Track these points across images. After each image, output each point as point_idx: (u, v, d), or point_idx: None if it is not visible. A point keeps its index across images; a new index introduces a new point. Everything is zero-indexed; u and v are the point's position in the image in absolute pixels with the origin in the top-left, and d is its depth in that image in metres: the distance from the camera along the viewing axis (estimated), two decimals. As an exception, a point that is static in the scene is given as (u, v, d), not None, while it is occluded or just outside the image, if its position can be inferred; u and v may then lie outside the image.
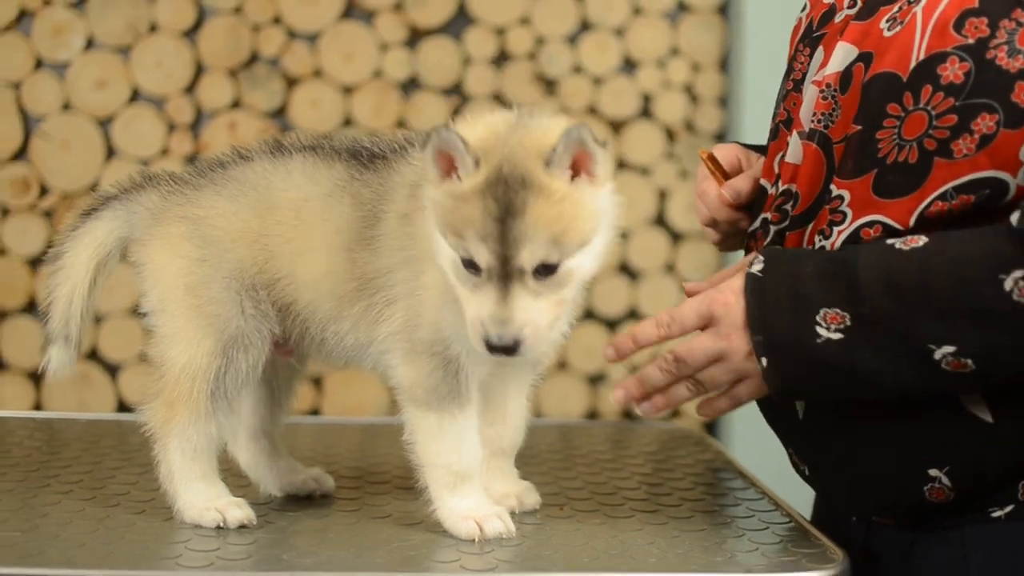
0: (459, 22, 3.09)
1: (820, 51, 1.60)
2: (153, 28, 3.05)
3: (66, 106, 3.03)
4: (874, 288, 1.45)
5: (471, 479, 1.58)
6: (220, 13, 3.05)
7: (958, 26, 1.47)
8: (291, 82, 3.07)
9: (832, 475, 1.61)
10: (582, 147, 1.46)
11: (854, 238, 1.52)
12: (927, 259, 1.43)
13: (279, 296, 1.63)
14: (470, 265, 1.46)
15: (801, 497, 1.89)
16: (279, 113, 3.07)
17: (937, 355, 1.43)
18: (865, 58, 1.53)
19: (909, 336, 1.44)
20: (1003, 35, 1.45)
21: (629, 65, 3.12)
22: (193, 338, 1.61)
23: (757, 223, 1.66)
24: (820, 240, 1.55)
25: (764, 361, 1.50)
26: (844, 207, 1.53)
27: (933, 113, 1.47)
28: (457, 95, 3.09)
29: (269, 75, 3.06)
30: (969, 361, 1.43)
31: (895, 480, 1.54)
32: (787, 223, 1.60)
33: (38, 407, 3.03)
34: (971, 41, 1.46)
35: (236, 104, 3.06)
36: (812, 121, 1.58)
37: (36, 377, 3.04)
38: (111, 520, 1.60)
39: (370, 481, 1.82)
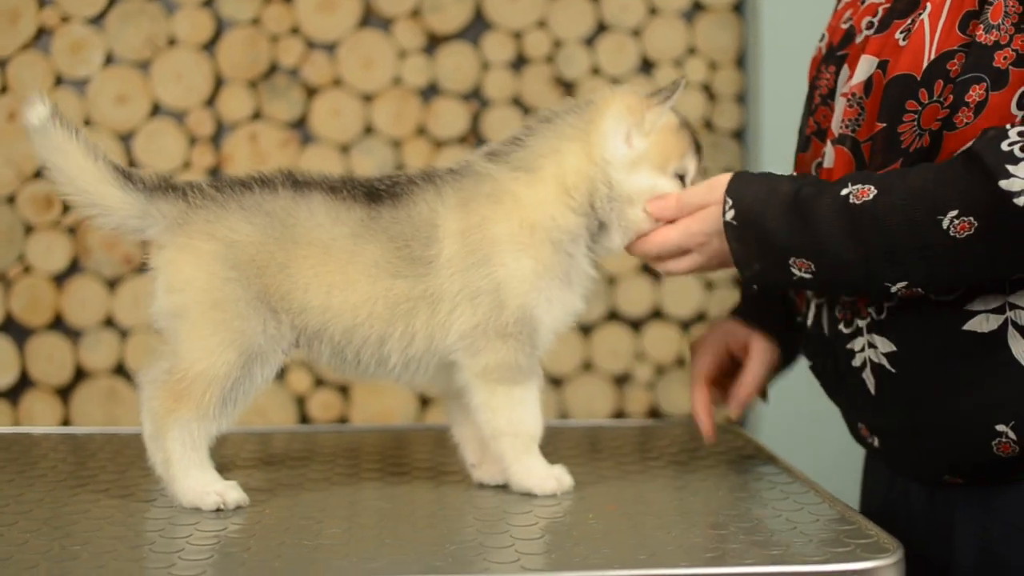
0: (476, 27, 3.10)
1: (845, 68, 1.77)
2: (172, 42, 3.06)
3: (87, 122, 3.04)
4: (833, 240, 1.63)
5: (538, 442, 1.79)
6: (238, 25, 3.06)
7: (962, 26, 1.63)
8: (311, 91, 3.08)
9: (904, 442, 1.74)
10: None
11: None
12: (877, 210, 1.61)
13: (307, 322, 1.72)
14: (681, 177, 1.80)
15: (844, 488, 1.90)
16: (300, 123, 3.08)
17: (893, 288, 1.63)
18: (883, 65, 1.68)
19: (869, 279, 1.64)
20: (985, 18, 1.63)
21: (647, 65, 3.13)
22: (216, 348, 1.69)
23: None
24: None
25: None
26: None
27: (944, 104, 1.63)
28: (476, 100, 3.11)
29: (289, 85, 3.07)
30: (919, 288, 1.63)
31: (965, 441, 1.67)
32: None
33: (66, 422, 3.05)
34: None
35: (257, 115, 3.07)
36: (841, 127, 1.74)
37: (64, 393, 3.05)
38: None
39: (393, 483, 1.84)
